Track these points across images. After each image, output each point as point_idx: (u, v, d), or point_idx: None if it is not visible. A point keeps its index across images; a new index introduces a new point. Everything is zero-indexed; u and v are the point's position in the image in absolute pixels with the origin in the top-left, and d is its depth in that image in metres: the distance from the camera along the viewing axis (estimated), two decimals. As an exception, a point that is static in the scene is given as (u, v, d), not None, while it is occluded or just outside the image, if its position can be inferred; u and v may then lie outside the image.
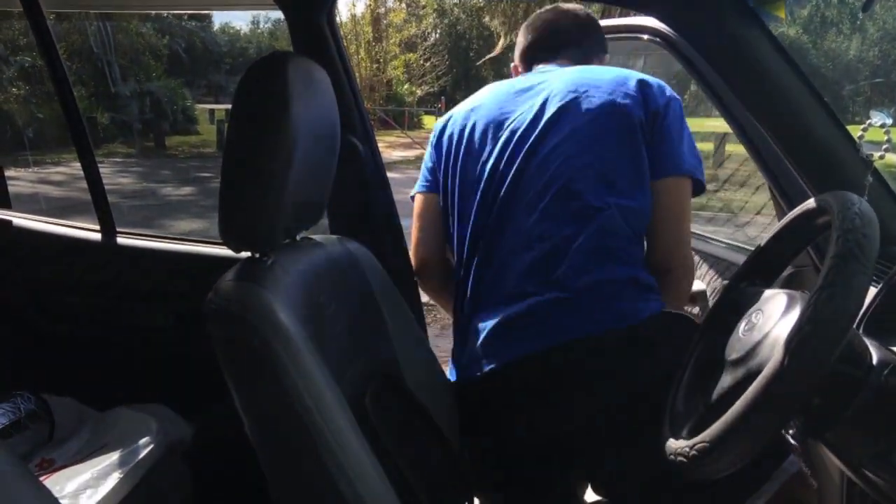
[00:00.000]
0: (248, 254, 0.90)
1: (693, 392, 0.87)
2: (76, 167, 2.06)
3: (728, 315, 0.87)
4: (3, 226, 1.82)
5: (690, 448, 0.74)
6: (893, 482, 0.72)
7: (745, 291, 0.89)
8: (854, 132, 1.00)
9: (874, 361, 0.72)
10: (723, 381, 0.79)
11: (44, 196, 7.80)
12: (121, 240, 1.76)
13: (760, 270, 0.92)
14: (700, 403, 0.82)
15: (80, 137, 1.76)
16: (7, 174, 2.06)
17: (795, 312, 0.75)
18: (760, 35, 0.98)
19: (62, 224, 1.86)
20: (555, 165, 1.14)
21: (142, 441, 1.42)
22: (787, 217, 0.87)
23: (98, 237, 1.77)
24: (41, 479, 1.23)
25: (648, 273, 1.16)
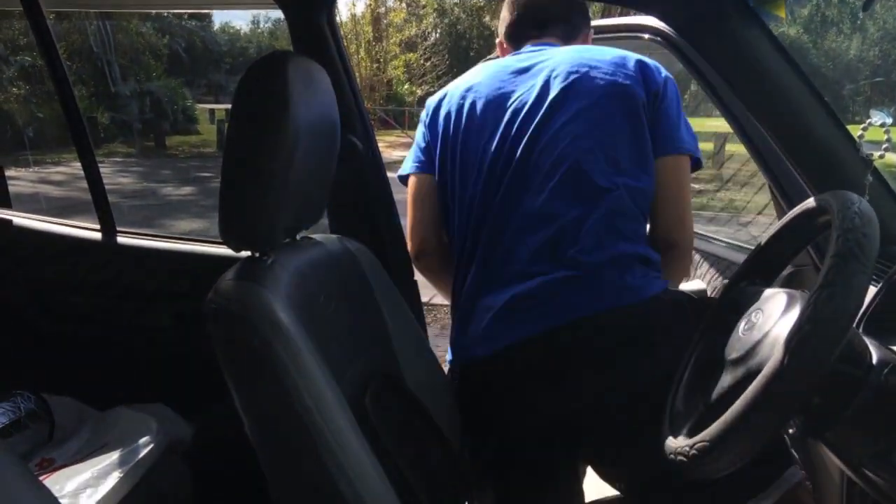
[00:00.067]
0: (248, 253, 0.90)
1: (693, 391, 0.87)
2: (76, 167, 2.06)
3: (728, 314, 0.87)
4: (4, 225, 1.82)
5: (690, 447, 0.74)
6: (893, 482, 0.72)
7: (745, 291, 0.89)
8: (854, 132, 1.00)
9: (874, 361, 0.72)
10: (723, 381, 0.79)
11: (44, 196, 7.81)
12: (121, 239, 1.76)
13: (760, 270, 0.92)
14: (700, 403, 0.82)
15: (81, 137, 1.76)
16: (7, 174, 2.06)
17: (795, 312, 0.75)
18: (760, 35, 0.98)
19: (62, 223, 1.86)
20: (562, 146, 1.13)
21: (142, 441, 1.42)
22: (787, 216, 0.87)
23: (98, 237, 1.77)
24: (41, 479, 1.23)
25: (653, 250, 1.18)
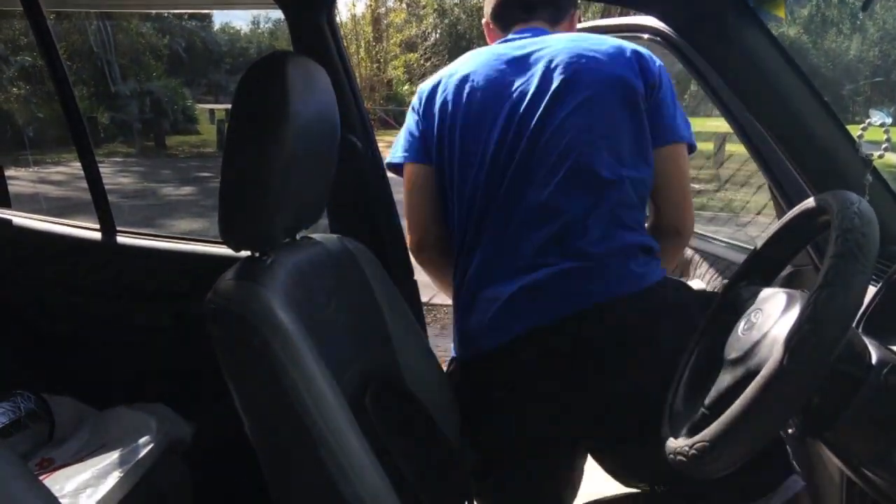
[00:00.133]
0: (248, 253, 0.90)
1: (693, 391, 0.87)
2: (76, 167, 2.06)
3: (728, 314, 0.87)
4: (3, 225, 1.82)
5: (690, 447, 0.74)
6: (893, 482, 0.72)
7: (745, 290, 0.89)
8: (854, 132, 1.01)
9: (873, 361, 0.72)
10: (722, 381, 0.79)
11: (44, 196, 7.81)
12: (121, 239, 1.76)
13: (760, 270, 0.93)
14: (700, 403, 0.82)
15: (81, 137, 1.76)
16: (7, 174, 2.06)
17: (795, 312, 0.75)
18: (760, 35, 0.99)
19: (62, 223, 1.86)
20: (566, 139, 1.14)
21: (141, 441, 1.42)
22: (787, 216, 0.87)
23: (98, 237, 1.77)
24: (41, 479, 1.23)
25: (651, 238, 1.19)
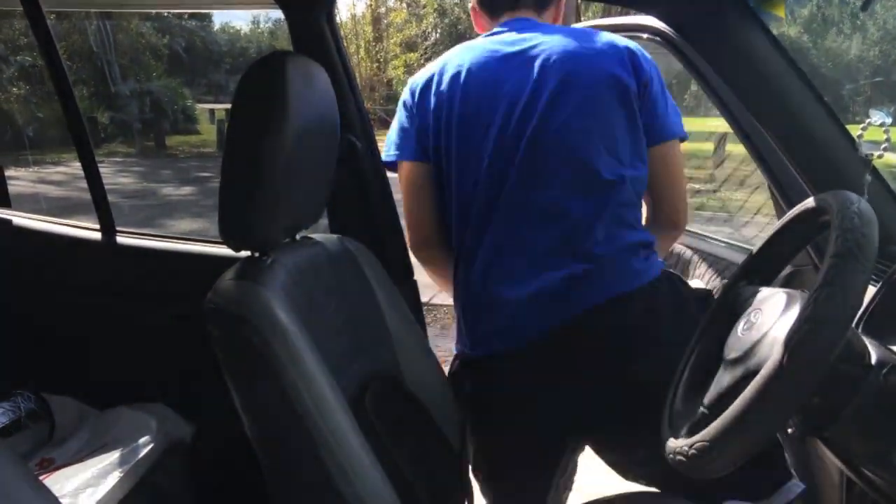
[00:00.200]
0: (248, 253, 0.90)
1: (692, 391, 0.87)
2: (76, 167, 2.06)
3: (727, 314, 0.87)
4: (3, 225, 1.82)
5: (689, 447, 0.74)
6: (893, 481, 0.72)
7: (745, 290, 0.89)
8: (854, 132, 1.00)
9: (873, 360, 0.72)
10: (722, 381, 0.79)
11: (44, 196, 7.81)
12: (121, 239, 1.76)
13: (759, 269, 0.93)
14: (699, 403, 0.82)
15: (81, 137, 1.76)
16: (7, 174, 2.06)
17: (794, 312, 0.75)
18: (760, 35, 0.99)
19: (62, 223, 1.86)
20: (569, 140, 1.14)
21: (142, 440, 1.42)
22: (787, 216, 0.87)
23: (98, 237, 1.77)
24: (41, 479, 1.23)
25: (648, 233, 1.20)
